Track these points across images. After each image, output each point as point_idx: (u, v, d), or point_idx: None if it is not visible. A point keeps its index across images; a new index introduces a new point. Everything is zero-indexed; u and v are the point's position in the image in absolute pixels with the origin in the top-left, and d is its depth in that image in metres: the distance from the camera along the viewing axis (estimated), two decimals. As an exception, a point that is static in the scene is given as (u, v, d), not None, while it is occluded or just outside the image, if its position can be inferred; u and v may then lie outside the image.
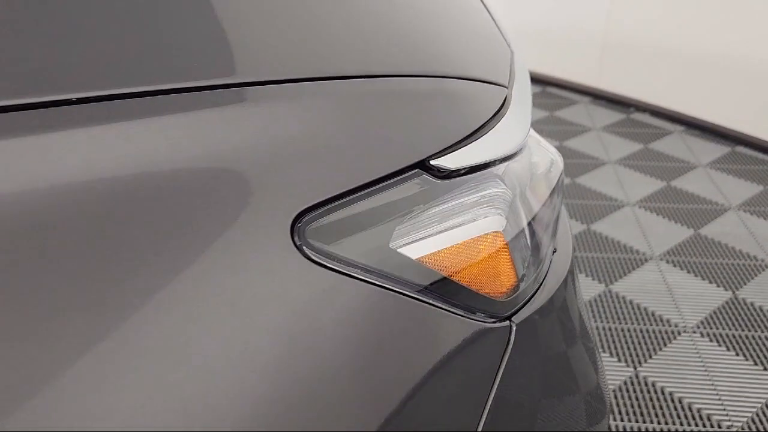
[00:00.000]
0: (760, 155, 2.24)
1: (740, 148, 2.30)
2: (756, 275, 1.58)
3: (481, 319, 0.40)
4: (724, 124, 2.37)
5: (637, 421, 1.18)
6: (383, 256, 0.36)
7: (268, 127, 0.34)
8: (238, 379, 0.31)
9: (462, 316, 0.39)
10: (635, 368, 1.29)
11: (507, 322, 0.42)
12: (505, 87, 0.48)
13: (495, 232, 0.40)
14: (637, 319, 1.43)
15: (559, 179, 0.52)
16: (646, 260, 1.65)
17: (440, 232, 0.38)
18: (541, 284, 0.46)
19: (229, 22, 0.36)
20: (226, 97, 0.34)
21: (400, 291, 0.36)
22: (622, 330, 1.40)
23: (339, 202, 0.35)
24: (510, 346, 0.42)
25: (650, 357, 1.32)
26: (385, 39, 0.42)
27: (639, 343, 1.36)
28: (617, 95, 2.72)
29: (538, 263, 0.46)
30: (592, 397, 0.57)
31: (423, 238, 0.38)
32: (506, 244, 0.41)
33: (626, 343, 1.36)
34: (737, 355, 1.32)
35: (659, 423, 1.17)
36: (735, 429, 1.15)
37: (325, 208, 0.34)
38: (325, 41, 0.39)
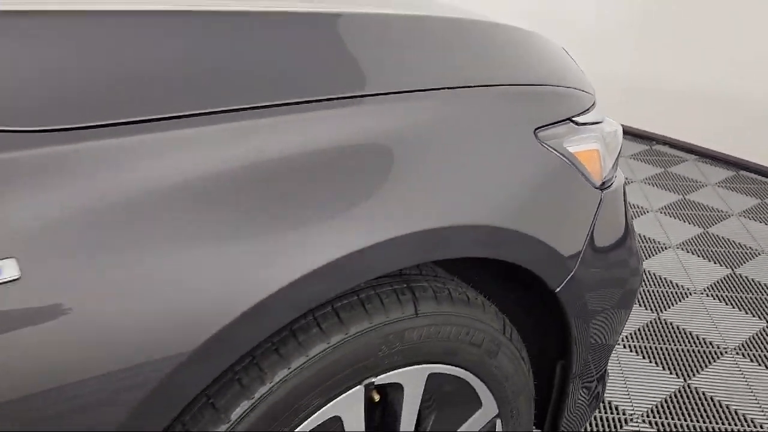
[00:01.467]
0: (759, 177, 2.75)
1: (743, 172, 2.81)
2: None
3: (593, 185, 0.91)
4: (728, 152, 2.89)
5: None
6: (565, 150, 0.87)
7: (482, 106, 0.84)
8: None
9: (587, 179, 0.90)
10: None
11: (600, 192, 0.93)
12: (593, 94, 1.01)
13: (596, 148, 0.92)
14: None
15: (618, 136, 1.04)
16: (664, 248, 2.15)
17: (579, 144, 0.90)
18: (612, 181, 0.98)
19: (432, 54, 0.87)
20: (424, 95, 0.82)
21: (569, 163, 0.87)
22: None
23: (550, 126, 0.85)
24: (601, 203, 0.93)
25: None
26: (544, 69, 0.95)
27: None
28: (640, 130, 3.25)
29: (613, 169, 0.97)
30: (635, 252, 1.07)
31: (574, 145, 0.89)
32: (599, 154, 0.92)
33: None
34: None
35: None
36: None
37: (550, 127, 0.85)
38: (505, 68, 0.91)
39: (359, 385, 0.71)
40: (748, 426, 1.37)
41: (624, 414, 1.41)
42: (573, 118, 0.91)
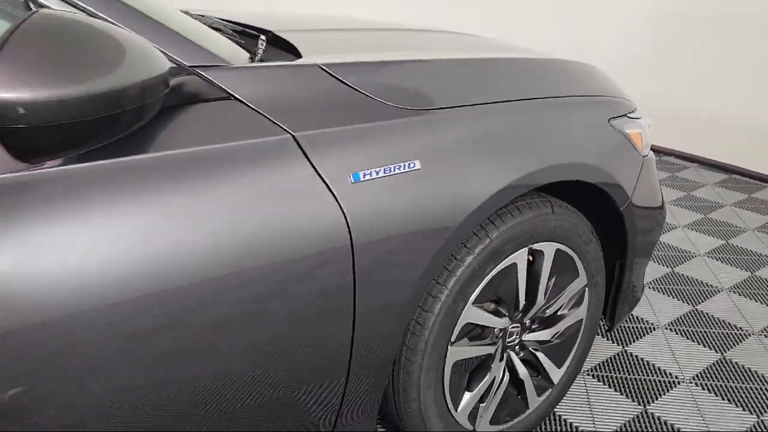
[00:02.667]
0: (747, 179, 3.41)
1: (734, 175, 3.47)
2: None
3: (639, 153, 1.55)
4: (723, 160, 3.56)
5: None
6: (624, 131, 1.51)
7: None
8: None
9: (635, 149, 1.54)
10: None
11: (642, 158, 1.57)
12: (633, 102, 1.66)
13: (639, 132, 1.56)
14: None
15: (651, 127, 1.68)
16: (674, 228, 2.79)
17: (631, 129, 1.53)
18: (648, 154, 1.62)
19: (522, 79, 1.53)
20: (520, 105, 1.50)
21: (626, 139, 1.51)
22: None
23: (616, 118, 1.51)
24: (643, 165, 1.56)
25: None
26: (607, 87, 1.60)
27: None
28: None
29: (647, 148, 1.62)
30: (661, 204, 1.71)
31: (628, 129, 1.53)
32: (641, 136, 1.57)
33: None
34: None
35: None
36: None
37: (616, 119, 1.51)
38: (588, 87, 1.55)
39: (525, 248, 1.34)
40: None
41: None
42: (627, 115, 1.56)
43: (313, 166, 1.00)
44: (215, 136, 0.93)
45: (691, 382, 1.80)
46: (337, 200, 1.01)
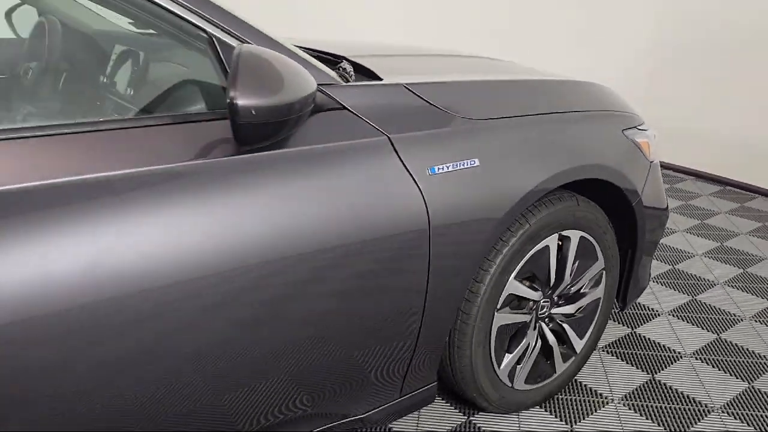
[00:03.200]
0: (739, 190, 3.72)
1: (728, 187, 3.79)
2: (734, 239, 3.01)
3: (646, 158, 1.86)
4: (716, 173, 3.88)
5: None
6: (634, 140, 1.82)
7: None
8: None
9: (643, 155, 1.85)
10: None
11: (650, 163, 1.88)
12: (640, 116, 1.97)
13: (647, 141, 1.87)
14: (672, 253, 2.85)
15: (656, 137, 1.99)
16: (673, 232, 3.10)
17: (640, 138, 1.83)
18: (654, 160, 1.92)
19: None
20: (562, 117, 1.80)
21: (636, 146, 1.81)
22: (665, 256, 2.82)
23: (628, 129, 1.82)
24: (650, 169, 1.86)
25: None
26: (620, 103, 1.91)
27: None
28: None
29: (654, 154, 1.93)
30: (665, 202, 2.01)
31: (638, 138, 1.83)
32: (648, 144, 1.87)
33: (667, 260, 2.78)
34: None
35: None
36: None
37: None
38: (605, 103, 1.87)
39: (555, 233, 1.64)
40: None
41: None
42: (637, 126, 1.88)
43: (402, 161, 1.30)
44: (334, 136, 1.23)
45: (692, 357, 2.09)
46: (419, 187, 1.31)
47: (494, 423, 1.77)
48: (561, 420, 1.79)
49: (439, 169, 1.35)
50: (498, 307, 1.59)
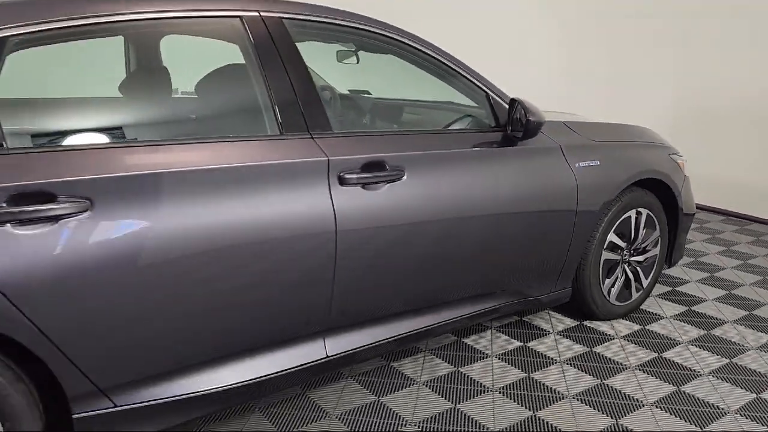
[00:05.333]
0: (741, 219, 4.98)
1: (731, 217, 5.05)
2: (737, 245, 4.25)
3: (683, 172, 3.11)
4: (727, 208, 5.16)
5: None
6: (675, 160, 3.08)
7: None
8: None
9: (681, 169, 3.10)
10: None
11: (684, 176, 3.12)
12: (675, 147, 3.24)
13: (683, 162, 3.12)
14: (693, 252, 4.08)
15: (686, 160, 3.25)
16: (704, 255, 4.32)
17: (678, 159, 3.09)
18: (686, 175, 3.18)
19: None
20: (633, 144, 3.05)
21: (677, 164, 3.07)
22: (689, 253, 4.05)
23: (672, 154, 3.08)
24: (685, 179, 3.11)
25: None
26: (660, 137, 3.18)
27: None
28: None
29: (684, 171, 3.18)
30: (693, 203, 3.25)
31: (677, 160, 3.09)
32: (683, 163, 3.13)
33: (691, 255, 4.01)
34: None
35: None
36: None
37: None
38: (653, 137, 3.13)
39: (634, 209, 2.88)
40: None
41: None
42: (676, 153, 3.15)
43: (566, 158, 2.57)
44: (537, 143, 2.49)
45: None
46: (573, 173, 2.57)
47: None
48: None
49: (582, 164, 2.61)
50: (604, 247, 2.82)
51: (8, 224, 1.43)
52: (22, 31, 1.54)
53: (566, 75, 5.94)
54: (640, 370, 2.53)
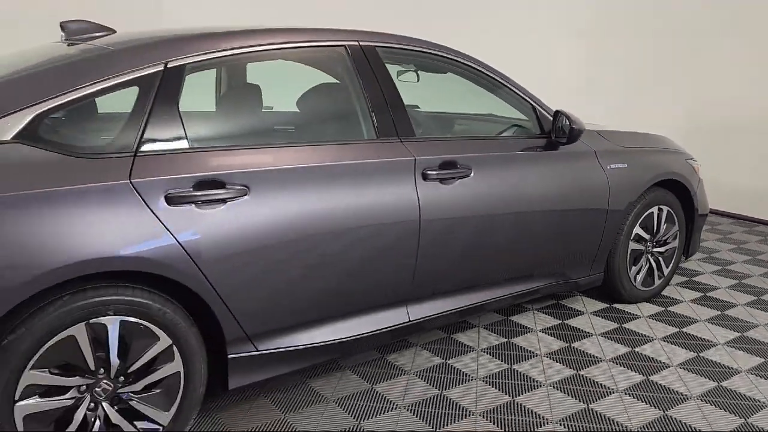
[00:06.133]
0: (742, 220, 5.40)
1: (733, 219, 5.48)
2: (746, 244, 4.67)
3: (697, 174, 3.56)
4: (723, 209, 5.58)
5: None
6: (691, 164, 3.54)
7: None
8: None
9: (695, 172, 3.55)
10: None
11: (699, 178, 3.56)
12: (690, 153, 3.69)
13: (698, 166, 3.57)
14: (707, 249, 4.51)
15: (700, 165, 3.69)
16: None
17: (693, 163, 3.55)
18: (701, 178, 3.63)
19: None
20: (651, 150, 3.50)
21: (692, 168, 3.52)
22: (703, 250, 4.48)
23: (688, 159, 3.53)
24: (699, 181, 3.55)
25: None
26: (677, 144, 3.63)
27: (709, 252, 4.44)
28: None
29: (699, 174, 3.63)
30: (707, 204, 3.69)
31: (692, 163, 3.54)
32: (698, 168, 3.57)
33: (705, 252, 4.43)
34: None
35: None
36: None
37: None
38: (669, 144, 3.58)
39: (656, 206, 3.33)
40: None
41: None
42: (692, 158, 3.60)
43: (599, 161, 3.03)
44: (576, 148, 2.95)
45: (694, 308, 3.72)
46: (606, 175, 3.03)
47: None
48: None
49: (612, 167, 3.07)
50: (631, 239, 3.26)
51: (193, 204, 1.90)
52: (197, 59, 2.03)
53: (586, 88, 6.41)
54: (664, 341, 2.97)
